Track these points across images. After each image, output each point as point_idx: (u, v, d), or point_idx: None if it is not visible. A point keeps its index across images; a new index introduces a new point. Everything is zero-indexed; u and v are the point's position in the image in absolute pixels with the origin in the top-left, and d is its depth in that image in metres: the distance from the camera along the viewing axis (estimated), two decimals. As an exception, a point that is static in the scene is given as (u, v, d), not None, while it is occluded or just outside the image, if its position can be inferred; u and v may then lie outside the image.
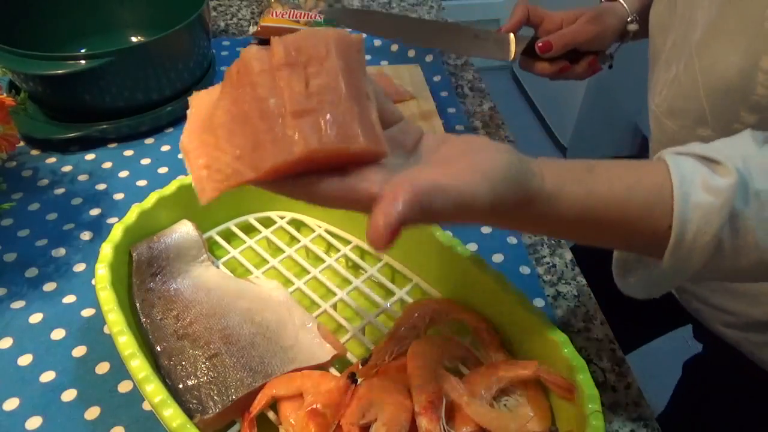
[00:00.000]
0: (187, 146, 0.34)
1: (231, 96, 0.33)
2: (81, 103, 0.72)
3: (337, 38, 0.33)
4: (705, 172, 0.35)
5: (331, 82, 0.32)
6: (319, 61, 0.32)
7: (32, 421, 0.47)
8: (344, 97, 0.32)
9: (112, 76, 0.70)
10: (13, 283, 0.57)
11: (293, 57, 0.32)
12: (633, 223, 0.36)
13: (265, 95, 0.32)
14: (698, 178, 0.35)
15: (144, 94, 0.73)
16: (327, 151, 0.31)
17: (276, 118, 0.31)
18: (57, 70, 0.66)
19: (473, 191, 0.32)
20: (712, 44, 0.46)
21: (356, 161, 0.32)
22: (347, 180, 0.32)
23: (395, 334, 0.48)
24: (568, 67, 0.68)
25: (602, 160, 0.38)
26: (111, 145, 0.74)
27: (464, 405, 0.42)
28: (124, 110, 0.73)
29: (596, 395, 0.42)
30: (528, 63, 0.70)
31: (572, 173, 0.37)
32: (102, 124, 0.72)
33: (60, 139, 0.72)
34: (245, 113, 0.32)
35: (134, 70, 0.71)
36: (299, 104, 0.31)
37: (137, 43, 0.83)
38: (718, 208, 0.34)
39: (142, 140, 0.74)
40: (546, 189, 0.35)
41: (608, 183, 0.36)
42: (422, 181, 0.31)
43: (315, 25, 0.93)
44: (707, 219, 0.34)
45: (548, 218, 0.36)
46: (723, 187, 0.34)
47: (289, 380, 0.45)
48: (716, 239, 0.34)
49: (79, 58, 0.67)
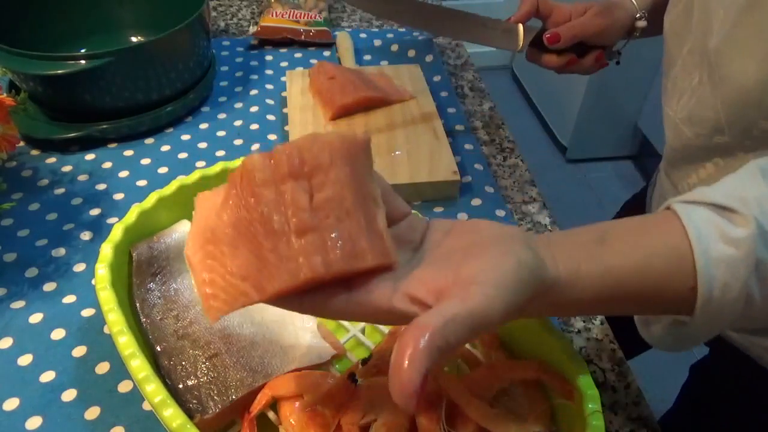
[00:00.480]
0: (191, 258, 0.34)
1: (235, 205, 0.32)
2: (81, 103, 0.72)
3: (341, 144, 0.32)
4: (721, 223, 0.34)
5: (337, 195, 0.31)
6: (323, 171, 0.32)
7: (32, 421, 0.47)
8: (350, 209, 0.31)
9: (112, 76, 0.70)
10: (13, 283, 0.58)
11: (296, 167, 0.31)
12: (655, 291, 0.35)
13: (268, 211, 0.31)
14: (715, 232, 0.34)
15: (144, 94, 0.73)
16: (333, 274, 0.31)
17: (280, 236, 0.31)
18: (57, 70, 0.67)
19: (485, 310, 0.30)
20: (729, 52, 0.46)
21: (366, 273, 0.32)
22: (355, 295, 0.32)
23: (395, 334, 0.48)
24: (575, 60, 0.68)
25: (612, 226, 0.37)
26: (111, 145, 0.74)
27: (464, 405, 0.42)
28: (124, 110, 0.73)
29: (596, 395, 0.42)
30: (535, 55, 0.70)
31: (584, 250, 0.35)
32: (102, 124, 0.72)
33: (60, 139, 0.72)
34: (249, 229, 0.32)
35: (134, 70, 0.71)
36: (303, 222, 0.31)
37: (137, 43, 0.83)
38: (741, 259, 0.33)
39: (142, 140, 0.74)
40: (562, 277, 0.34)
41: (622, 255, 0.35)
42: (433, 319, 0.29)
43: (315, 25, 0.93)
44: (733, 272, 0.33)
45: (566, 303, 0.35)
46: (743, 236, 0.33)
47: (289, 380, 0.45)
48: (744, 292, 0.33)
49: (79, 58, 0.67)
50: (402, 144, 0.71)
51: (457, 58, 0.94)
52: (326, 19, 0.95)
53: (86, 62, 0.67)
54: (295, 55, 0.91)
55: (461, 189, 0.69)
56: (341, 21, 1.01)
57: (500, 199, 0.69)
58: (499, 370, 0.45)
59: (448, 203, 0.68)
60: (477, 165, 0.73)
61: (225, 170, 0.58)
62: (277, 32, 0.92)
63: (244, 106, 0.81)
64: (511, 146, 0.78)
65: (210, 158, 0.72)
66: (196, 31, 0.76)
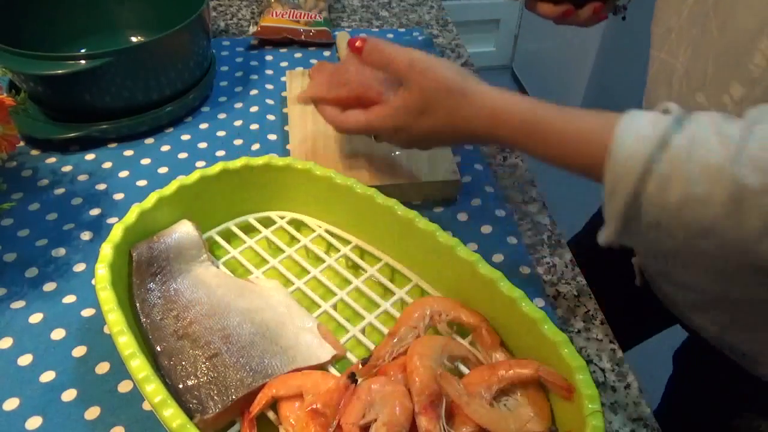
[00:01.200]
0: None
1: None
2: (81, 103, 0.72)
3: None
4: (653, 113, 0.40)
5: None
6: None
7: (32, 421, 0.47)
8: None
9: (112, 76, 0.70)
10: (13, 283, 0.58)
11: None
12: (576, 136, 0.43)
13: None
14: (646, 115, 0.39)
15: (144, 94, 0.73)
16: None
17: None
18: (57, 70, 0.66)
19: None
20: (729, 2, 0.46)
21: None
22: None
23: (395, 334, 0.48)
24: (572, 11, 0.67)
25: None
26: (111, 145, 0.74)
27: (464, 405, 0.42)
28: (124, 110, 0.73)
29: (596, 395, 0.42)
30: (532, 3, 0.69)
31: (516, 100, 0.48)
32: (102, 124, 0.72)
33: (60, 139, 0.72)
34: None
35: (134, 70, 0.71)
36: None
37: (137, 43, 0.83)
38: (652, 136, 0.38)
39: (142, 140, 0.74)
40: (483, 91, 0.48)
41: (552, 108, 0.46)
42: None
43: (315, 25, 0.93)
44: (643, 143, 0.38)
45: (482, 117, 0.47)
46: (664, 120, 0.38)
47: (289, 380, 0.45)
48: (648, 166, 0.37)
49: (79, 58, 0.67)
50: (402, 144, 0.71)
51: (457, 58, 0.94)
52: (326, 19, 0.95)
53: (86, 62, 0.67)
54: (295, 55, 0.91)
55: (461, 189, 0.69)
56: (341, 21, 1.01)
57: (500, 199, 0.69)
58: (499, 370, 0.45)
59: (448, 203, 0.68)
60: (477, 165, 0.73)
61: (225, 170, 0.58)
62: (277, 32, 0.92)
63: (244, 106, 0.81)
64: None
65: (210, 158, 0.72)
66: (196, 32, 0.76)
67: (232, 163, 0.59)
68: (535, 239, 0.65)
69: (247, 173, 0.59)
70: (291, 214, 0.62)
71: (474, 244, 0.63)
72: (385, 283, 0.56)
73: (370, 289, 0.55)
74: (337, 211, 0.60)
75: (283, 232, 0.61)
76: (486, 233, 0.64)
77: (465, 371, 0.48)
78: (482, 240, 0.63)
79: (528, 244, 0.65)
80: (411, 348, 0.46)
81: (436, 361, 0.45)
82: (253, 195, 0.61)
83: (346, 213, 0.59)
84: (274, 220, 0.62)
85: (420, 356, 0.45)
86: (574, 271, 0.62)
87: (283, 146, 0.74)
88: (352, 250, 0.59)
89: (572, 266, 0.63)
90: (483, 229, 0.65)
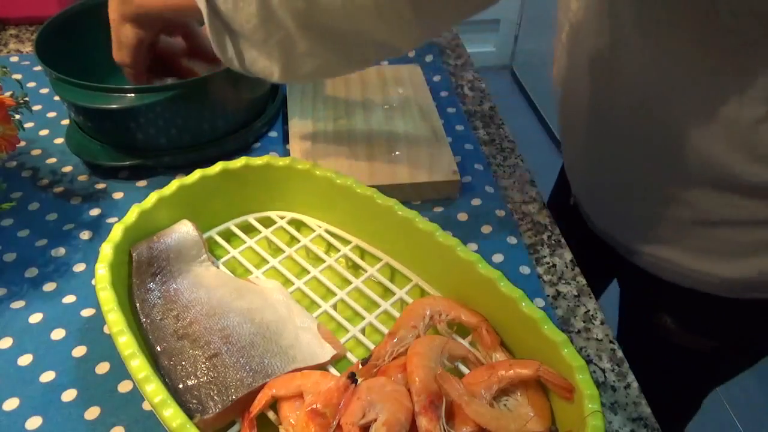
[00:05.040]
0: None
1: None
2: (137, 138, 0.68)
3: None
4: None
5: None
6: None
7: (32, 421, 0.48)
8: None
9: (169, 114, 0.66)
10: (13, 283, 0.58)
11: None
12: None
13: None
14: None
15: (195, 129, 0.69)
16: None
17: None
18: (121, 104, 0.62)
19: None
20: None
21: None
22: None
23: (395, 334, 0.48)
24: None
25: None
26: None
27: (464, 405, 0.42)
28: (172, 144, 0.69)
29: (596, 395, 0.42)
30: None
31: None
32: (162, 155, 0.69)
33: (114, 166, 0.69)
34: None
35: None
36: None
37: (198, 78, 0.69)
38: None
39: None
40: None
41: None
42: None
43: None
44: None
45: None
46: None
47: (289, 380, 0.45)
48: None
49: (142, 91, 0.63)
50: (402, 144, 0.71)
51: (457, 58, 0.94)
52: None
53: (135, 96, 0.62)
54: (295, 55, 0.91)
55: (461, 189, 0.69)
56: (341, 21, 1.01)
57: (500, 199, 0.69)
58: (499, 370, 0.45)
59: (448, 203, 0.68)
60: (477, 165, 0.73)
61: (225, 170, 0.58)
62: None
63: (244, 106, 0.81)
64: (511, 146, 0.78)
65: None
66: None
67: (232, 163, 0.59)
68: (535, 239, 0.65)
69: (247, 173, 0.59)
70: (291, 214, 0.62)
71: (474, 244, 0.63)
72: (385, 283, 0.56)
73: (370, 289, 0.55)
74: (337, 211, 0.60)
75: (283, 232, 0.61)
76: (486, 233, 0.64)
77: (465, 371, 0.48)
78: (482, 240, 0.63)
79: (528, 244, 0.65)
80: (411, 348, 0.46)
81: (435, 361, 0.45)
82: (253, 195, 0.61)
83: (346, 213, 0.59)
84: (274, 220, 0.62)
85: (420, 356, 0.45)
86: (574, 271, 0.62)
87: (283, 146, 0.74)
88: (352, 250, 0.59)
89: (572, 266, 0.63)
90: (483, 229, 0.65)
